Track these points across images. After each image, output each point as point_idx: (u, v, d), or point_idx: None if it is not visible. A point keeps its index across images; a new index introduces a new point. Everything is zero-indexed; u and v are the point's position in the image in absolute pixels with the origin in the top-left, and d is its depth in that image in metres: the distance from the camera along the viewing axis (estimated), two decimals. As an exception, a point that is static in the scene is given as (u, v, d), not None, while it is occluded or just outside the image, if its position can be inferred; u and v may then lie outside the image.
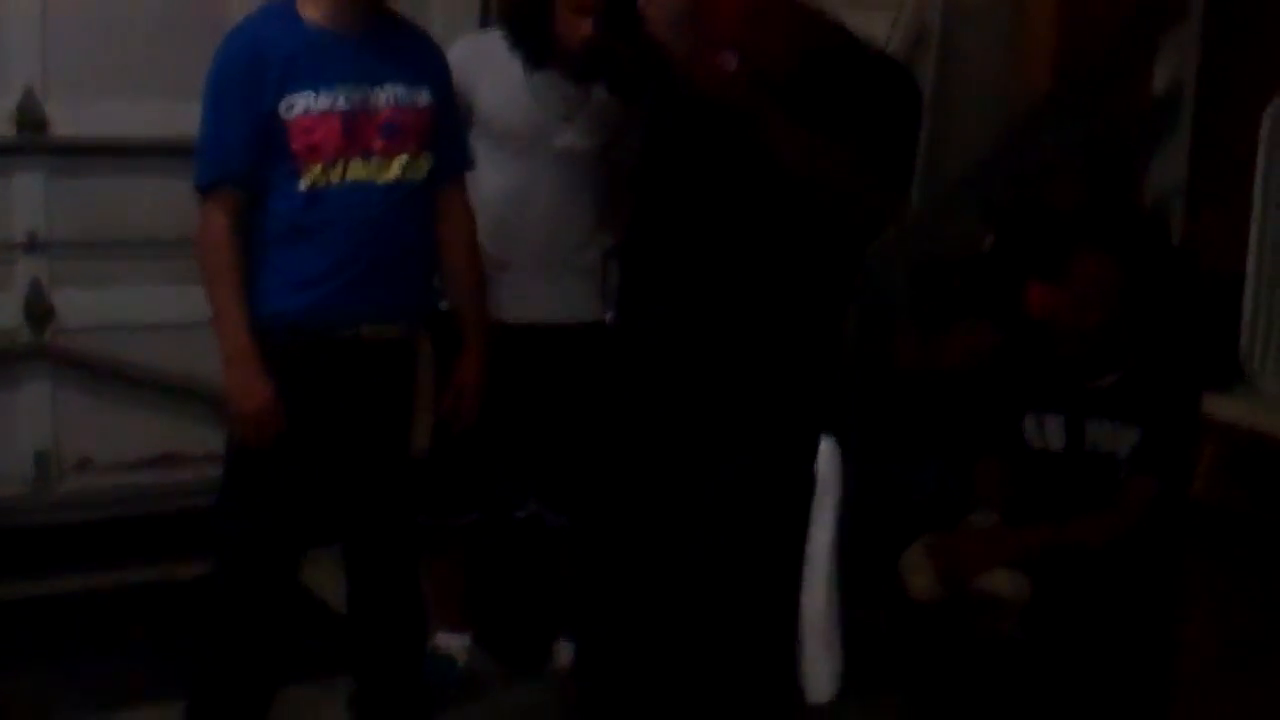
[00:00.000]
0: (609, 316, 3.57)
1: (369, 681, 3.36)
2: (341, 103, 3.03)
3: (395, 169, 3.08)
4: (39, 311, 4.16)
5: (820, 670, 2.66)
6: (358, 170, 3.05)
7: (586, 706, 3.03)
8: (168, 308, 4.16)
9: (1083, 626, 3.24)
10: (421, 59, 3.18)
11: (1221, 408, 3.17)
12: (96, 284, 4.20)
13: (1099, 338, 3.39)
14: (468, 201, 3.29)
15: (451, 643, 3.80)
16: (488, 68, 3.48)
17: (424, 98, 3.13)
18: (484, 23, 4.32)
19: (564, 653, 3.80)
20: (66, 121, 4.11)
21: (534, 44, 3.45)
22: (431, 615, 3.56)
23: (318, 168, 3.02)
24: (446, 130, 3.20)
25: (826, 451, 2.76)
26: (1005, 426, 3.47)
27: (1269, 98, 3.17)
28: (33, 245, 4.12)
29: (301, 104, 3.01)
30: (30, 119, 4.08)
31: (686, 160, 2.77)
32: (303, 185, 3.03)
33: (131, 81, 3.72)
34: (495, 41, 3.52)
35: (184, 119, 3.21)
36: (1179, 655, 3.21)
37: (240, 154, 3.02)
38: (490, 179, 3.46)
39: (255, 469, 3.09)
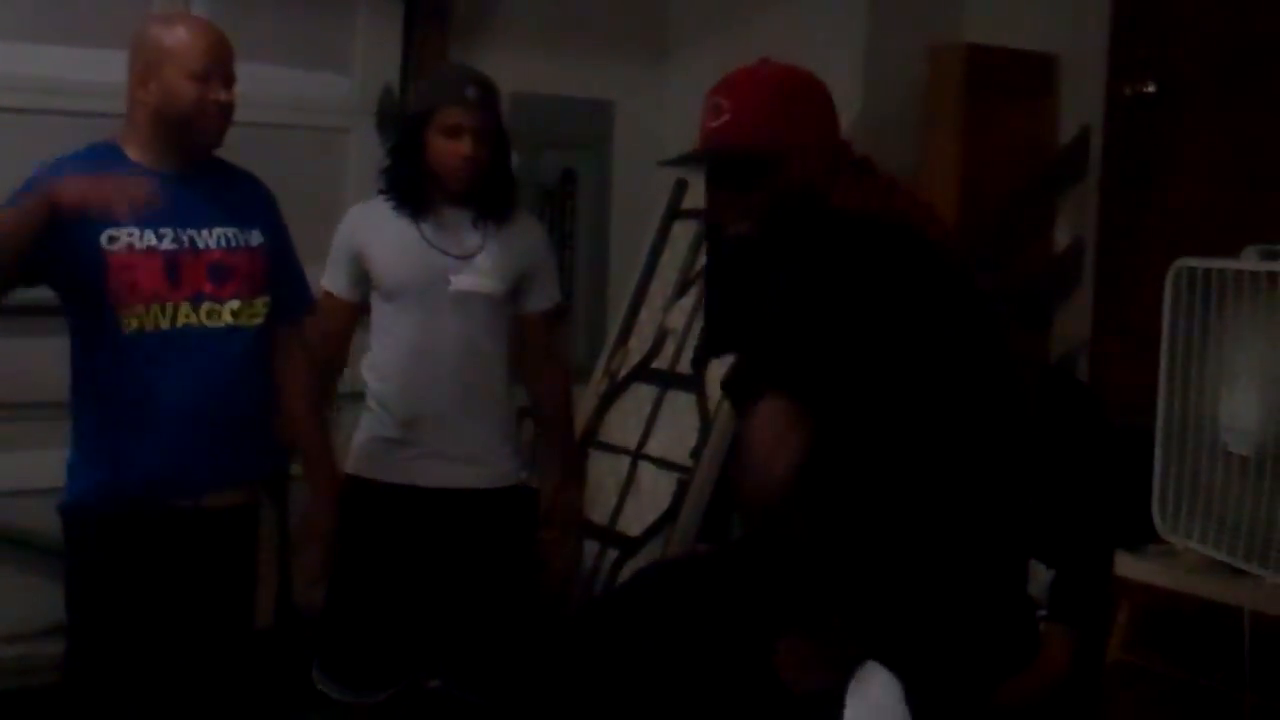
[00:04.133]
0: (524, 477, 3.53)
1: None
2: (166, 242, 2.90)
3: (228, 315, 2.96)
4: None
5: None
6: (188, 315, 2.91)
7: None
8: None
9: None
10: (250, 200, 3.07)
11: (1135, 568, 3.17)
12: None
13: None
14: (306, 344, 3.18)
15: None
16: (377, 225, 3.42)
17: (255, 237, 3.02)
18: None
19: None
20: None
21: (414, 190, 3.38)
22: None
23: (140, 309, 2.87)
24: (282, 272, 3.09)
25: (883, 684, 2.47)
26: None
27: (1167, 251, 3.21)
28: (-68, 412, 4.02)
29: (125, 239, 2.87)
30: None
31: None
32: (126, 330, 2.87)
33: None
34: (382, 205, 3.45)
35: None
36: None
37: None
38: (395, 339, 3.42)
39: (94, 659, 2.95)
